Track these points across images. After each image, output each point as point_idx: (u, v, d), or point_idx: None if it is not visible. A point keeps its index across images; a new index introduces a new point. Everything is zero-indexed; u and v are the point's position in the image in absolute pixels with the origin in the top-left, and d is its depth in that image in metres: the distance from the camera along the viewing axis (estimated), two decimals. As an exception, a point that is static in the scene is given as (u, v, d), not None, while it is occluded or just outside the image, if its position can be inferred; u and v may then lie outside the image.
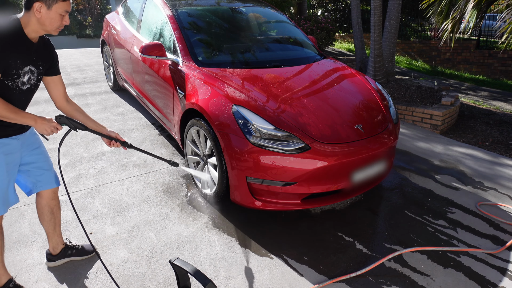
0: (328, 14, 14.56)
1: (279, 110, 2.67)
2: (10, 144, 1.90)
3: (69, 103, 2.12)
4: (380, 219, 2.89)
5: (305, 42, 4.07)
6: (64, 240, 2.35)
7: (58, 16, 1.79)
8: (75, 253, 2.35)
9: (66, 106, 2.11)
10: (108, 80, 5.82)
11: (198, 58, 3.22)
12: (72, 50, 10.35)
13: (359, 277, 2.27)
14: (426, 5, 6.13)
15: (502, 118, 5.81)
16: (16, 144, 1.94)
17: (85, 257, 2.38)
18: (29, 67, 1.86)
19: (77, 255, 2.36)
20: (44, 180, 2.11)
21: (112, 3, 19.64)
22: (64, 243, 2.34)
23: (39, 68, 1.93)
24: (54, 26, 1.81)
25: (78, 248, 2.37)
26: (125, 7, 5.06)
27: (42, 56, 1.94)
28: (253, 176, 2.51)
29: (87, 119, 2.12)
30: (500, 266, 2.42)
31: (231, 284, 2.20)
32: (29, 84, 1.91)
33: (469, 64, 11.06)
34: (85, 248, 2.39)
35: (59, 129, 1.89)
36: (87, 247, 2.40)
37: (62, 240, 2.33)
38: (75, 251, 2.36)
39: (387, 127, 2.90)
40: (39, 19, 1.77)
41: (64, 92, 2.10)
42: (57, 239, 2.29)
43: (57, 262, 2.31)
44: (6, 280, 2.06)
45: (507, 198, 3.24)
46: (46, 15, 1.76)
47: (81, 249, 2.38)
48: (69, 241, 2.40)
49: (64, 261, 2.33)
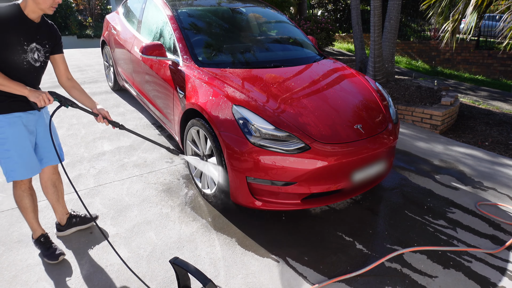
0: (328, 14, 14.57)
1: (279, 110, 2.68)
2: (28, 117, 2.17)
3: (69, 80, 2.37)
4: (380, 219, 2.89)
5: (305, 42, 4.08)
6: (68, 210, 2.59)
7: None
8: (79, 221, 2.61)
9: (66, 82, 2.36)
10: (109, 80, 5.82)
11: (198, 58, 3.23)
12: (72, 50, 10.36)
13: (359, 277, 2.27)
14: (426, 5, 6.14)
15: (501, 118, 5.81)
16: (32, 118, 2.21)
17: (89, 225, 2.65)
18: (34, 44, 2.09)
19: (81, 224, 2.62)
20: (50, 156, 2.36)
21: (112, 3, 19.65)
22: (68, 213, 2.59)
23: (45, 46, 2.17)
24: (47, 4, 2.02)
25: (81, 216, 2.63)
26: (125, 7, 5.07)
27: (46, 35, 2.17)
28: (253, 176, 2.52)
29: (82, 96, 2.35)
30: (499, 266, 2.42)
31: (231, 284, 2.20)
32: (40, 61, 2.16)
33: (468, 64, 11.07)
34: (87, 216, 2.63)
35: (50, 101, 2.06)
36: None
37: (67, 210, 2.58)
38: (79, 219, 2.62)
39: (387, 127, 2.90)
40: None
41: (65, 70, 2.35)
42: (62, 210, 2.54)
43: (65, 232, 2.58)
44: (40, 233, 2.38)
45: (506, 198, 3.25)
46: None
47: (84, 217, 2.64)
48: (73, 210, 2.66)
49: (71, 230, 2.60)
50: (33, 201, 2.31)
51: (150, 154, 3.74)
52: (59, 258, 2.32)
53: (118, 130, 4.27)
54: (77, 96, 2.35)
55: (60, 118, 4.60)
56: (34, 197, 2.32)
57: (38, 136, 2.28)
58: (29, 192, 2.28)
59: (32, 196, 2.30)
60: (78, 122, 4.52)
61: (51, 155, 2.36)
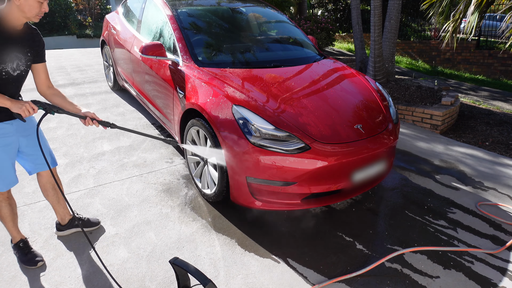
0: (328, 14, 14.56)
1: (279, 110, 2.67)
2: (4, 128, 2.07)
3: (50, 89, 2.26)
4: (380, 219, 2.89)
5: (305, 42, 4.07)
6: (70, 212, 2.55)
7: (37, 3, 1.92)
8: (81, 224, 2.58)
9: (47, 91, 2.25)
10: (108, 80, 5.82)
11: (198, 58, 3.22)
12: (72, 50, 10.36)
13: (359, 277, 2.27)
14: (426, 5, 6.13)
15: (502, 118, 5.81)
16: (10, 128, 2.10)
17: (91, 229, 2.62)
18: (15, 53, 1.98)
19: (83, 227, 2.59)
20: (41, 162, 2.30)
21: (112, 3, 19.65)
22: (71, 214, 2.56)
23: (27, 55, 2.06)
24: (33, 12, 1.93)
25: (84, 219, 2.61)
26: (125, 7, 5.06)
27: (28, 44, 2.06)
28: (253, 176, 2.51)
29: (65, 103, 2.23)
30: (500, 266, 2.42)
31: (231, 284, 2.20)
32: (19, 70, 2.04)
33: (469, 64, 11.06)
34: (90, 221, 2.63)
35: (34, 110, 1.98)
36: (93, 219, 2.65)
37: (69, 211, 2.56)
38: (81, 223, 2.59)
39: (387, 127, 2.90)
40: (19, 6, 1.89)
41: (46, 79, 2.24)
42: (63, 210, 2.53)
43: (65, 232, 2.57)
44: (19, 239, 2.36)
45: (507, 198, 3.24)
46: (25, 2, 1.89)
47: (87, 221, 2.62)
48: (77, 212, 2.65)
49: (71, 231, 2.58)
50: (12, 210, 2.28)
51: (150, 154, 3.74)
52: (38, 264, 2.28)
53: (118, 130, 4.27)
54: (60, 103, 2.22)
55: (59, 118, 4.60)
56: (13, 206, 2.29)
57: (22, 145, 2.21)
58: (8, 202, 2.25)
59: (11, 205, 2.27)
60: (77, 122, 4.52)
61: (43, 161, 2.30)
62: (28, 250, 2.34)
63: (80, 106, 2.24)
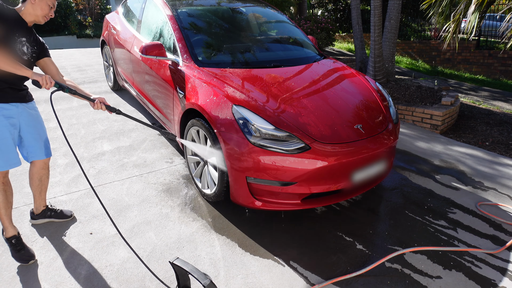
0: (328, 14, 14.56)
1: (279, 110, 2.67)
2: (10, 109, 2.23)
3: (62, 79, 2.45)
4: (380, 219, 2.88)
5: (305, 42, 4.07)
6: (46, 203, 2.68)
7: (47, 6, 2.29)
8: (53, 215, 2.69)
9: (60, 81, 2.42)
10: (108, 80, 5.82)
11: (198, 58, 3.22)
12: (72, 50, 10.36)
13: (359, 277, 2.27)
14: (426, 5, 6.13)
15: (502, 118, 5.81)
16: (15, 110, 2.27)
17: (63, 220, 2.71)
18: (24, 39, 2.26)
19: (56, 217, 2.70)
20: (34, 151, 2.42)
21: (112, 3, 19.65)
22: (45, 205, 2.68)
23: (33, 47, 2.34)
24: (44, 12, 2.29)
25: (57, 211, 2.71)
26: (125, 7, 5.06)
27: (34, 39, 2.37)
28: (253, 176, 2.51)
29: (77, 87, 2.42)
30: (500, 266, 2.42)
31: (231, 284, 2.20)
32: (27, 55, 2.29)
33: (469, 64, 11.06)
34: (63, 213, 2.73)
35: (52, 83, 2.14)
36: (66, 212, 2.74)
37: (45, 203, 2.68)
38: (54, 214, 2.70)
39: (387, 127, 2.89)
40: (33, 5, 2.25)
41: (57, 71, 2.47)
42: (41, 202, 2.64)
43: (38, 220, 2.68)
44: (12, 234, 2.35)
45: (507, 198, 3.24)
46: (39, 2, 2.26)
47: (60, 213, 2.72)
48: (50, 204, 2.75)
49: (44, 221, 2.68)
50: (7, 197, 2.29)
51: (150, 154, 3.74)
52: (29, 262, 2.30)
53: (118, 130, 4.27)
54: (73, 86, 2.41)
55: (59, 118, 4.60)
56: (8, 193, 2.30)
57: (22, 130, 2.33)
58: (3, 187, 2.26)
59: (6, 192, 2.28)
60: (77, 122, 4.52)
61: (37, 149, 2.42)
62: (21, 246, 2.35)
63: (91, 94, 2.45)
